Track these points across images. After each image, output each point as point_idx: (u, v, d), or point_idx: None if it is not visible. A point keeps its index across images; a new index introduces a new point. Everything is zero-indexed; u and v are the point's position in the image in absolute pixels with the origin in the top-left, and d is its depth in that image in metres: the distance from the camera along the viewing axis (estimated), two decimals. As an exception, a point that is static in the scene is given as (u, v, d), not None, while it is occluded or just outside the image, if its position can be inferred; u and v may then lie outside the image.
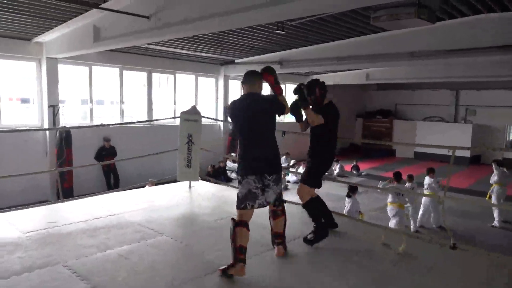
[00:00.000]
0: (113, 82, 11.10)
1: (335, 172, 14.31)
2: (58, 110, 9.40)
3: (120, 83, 11.04)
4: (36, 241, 3.77)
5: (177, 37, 8.33)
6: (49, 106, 9.34)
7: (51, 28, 8.11)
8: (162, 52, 11.05)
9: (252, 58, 12.19)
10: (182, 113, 5.77)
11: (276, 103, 3.39)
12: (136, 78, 11.86)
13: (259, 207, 3.28)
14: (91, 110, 10.52)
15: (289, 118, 4.77)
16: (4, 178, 7.10)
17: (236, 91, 14.67)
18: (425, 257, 3.67)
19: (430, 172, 8.64)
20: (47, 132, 9.51)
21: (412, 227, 8.50)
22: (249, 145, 3.30)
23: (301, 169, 12.02)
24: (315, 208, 3.98)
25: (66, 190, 9.41)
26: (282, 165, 3.94)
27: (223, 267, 3.16)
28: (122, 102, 11.18)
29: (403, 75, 14.12)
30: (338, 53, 9.73)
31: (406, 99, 19.81)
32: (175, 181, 6.61)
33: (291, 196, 10.59)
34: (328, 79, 14.02)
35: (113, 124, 10.35)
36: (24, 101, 10.26)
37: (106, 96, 11.53)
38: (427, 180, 8.64)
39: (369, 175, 14.92)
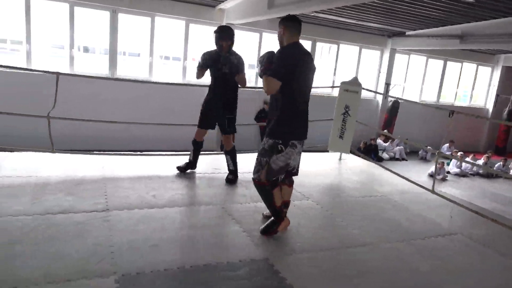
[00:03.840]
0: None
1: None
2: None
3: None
4: (205, 182, 4.37)
5: (345, 4, 8.08)
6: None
7: (235, -5, 8.87)
8: (327, 21, 10.94)
9: (426, 30, 11.00)
10: (343, 83, 5.67)
11: None
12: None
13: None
14: (257, 74, 11.31)
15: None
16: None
17: (402, 65, 13.62)
18: None
19: None
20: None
21: None
22: (301, 107, 3.04)
23: (468, 160, 10.60)
24: None
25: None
26: (445, 153, 3.52)
27: (265, 228, 3.16)
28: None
29: None
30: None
31: None
32: (323, 151, 6.67)
33: (449, 188, 9.60)
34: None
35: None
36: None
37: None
38: None
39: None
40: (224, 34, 4.04)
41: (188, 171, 4.55)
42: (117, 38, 9.57)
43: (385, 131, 12.25)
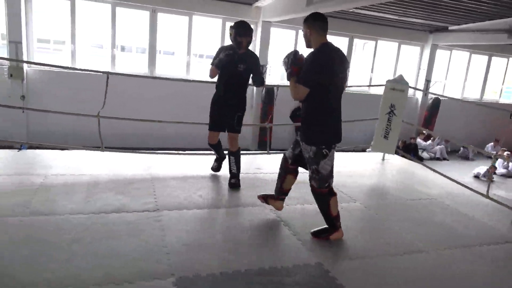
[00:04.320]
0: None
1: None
2: (266, 69, 10.36)
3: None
4: (247, 182, 4.35)
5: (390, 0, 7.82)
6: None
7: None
8: (365, 17, 10.65)
9: (471, 24, 10.50)
10: (389, 81, 5.49)
11: None
12: (336, 43, 11.86)
13: None
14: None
15: None
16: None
17: (443, 61, 13.10)
18: None
19: None
20: (254, 88, 10.64)
21: None
22: (336, 109, 2.98)
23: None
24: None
25: (264, 143, 10.53)
26: (490, 153, 3.33)
27: (318, 231, 3.16)
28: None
29: None
30: None
31: None
32: (362, 151, 6.51)
33: (497, 189, 9.13)
34: None
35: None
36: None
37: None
38: None
39: None
40: (244, 30, 3.78)
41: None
42: (156, 37, 9.72)
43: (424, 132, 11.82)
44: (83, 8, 9.07)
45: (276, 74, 11.40)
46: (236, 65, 3.84)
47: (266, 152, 5.15)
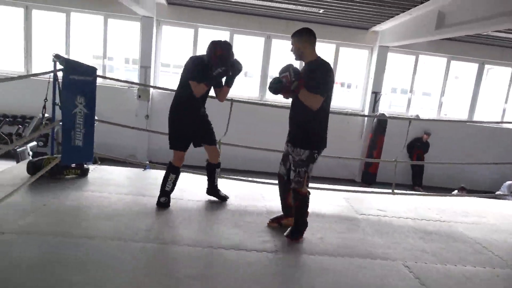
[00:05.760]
0: (437, 72, 10.42)
1: None
2: (380, 97, 9.72)
3: (445, 73, 10.25)
4: (372, 226, 3.85)
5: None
6: (372, 93, 9.78)
7: (391, 17, 8.25)
8: (501, 40, 9.34)
9: None
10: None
11: None
12: (465, 70, 10.68)
13: None
14: (409, 100, 10.33)
15: None
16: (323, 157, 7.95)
17: None
18: None
19: None
20: (365, 118, 10.04)
21: None
22: (326, 118, 3.21)
23: None
24: None
25: (369, 175, 9.80)
26: None
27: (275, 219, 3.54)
28: (442, 94, 10.38)
29: None
30: None
31: None
32: (484, 192, 5.45)
33: None
34: None
35: (425, 120, 9.92)
36: (342, 85, 11.36)
37: (428, 87, 11.02)
38: None
39: None
40: (226, 44, 3.56)
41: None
42: (269, 62, 9.83)
43: None
44: (204, 37, 9.63)
45: (389, 102, 10.64)
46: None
47: (390, 191, 4.59)
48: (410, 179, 10.03)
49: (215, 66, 3.48)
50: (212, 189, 4.04)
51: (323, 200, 4.43)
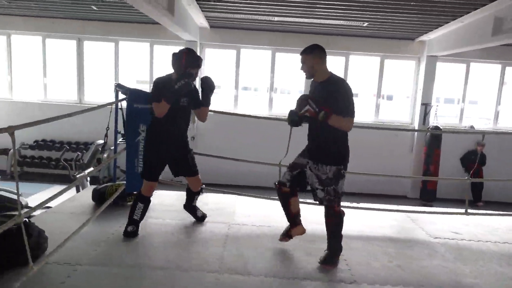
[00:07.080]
0: (489, 80, 9.91)
1: None
2: (430, 108, 9.31)
3: (500, 81, 9.72)
4: (451, 252, 3.58)
5: None
6: (422, 104, 9.39)
7: (440, 26, 7.95)
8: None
9: None
10: None
11: None
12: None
13: None
14: (462, 110, 9.83)
15: None
16: (368, 175, 7.59)
17: None
18: None
19: None
20: (416, 133, 9.63)
21: None
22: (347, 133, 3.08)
23: None
24: None
25: (428, 192, 9.31)
26: None
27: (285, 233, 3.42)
28: (498, 103, 9.82)
29: None
30: None
31: None
32: None
33: None
34: None
35: (479, 132, 9.37)
36: (388, 97, 10.95)
37: (479, 95, 10.49)
38: None
39: None
40: (197, 61, 3.32)
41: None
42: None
43: None
44: (247, 57, 9.69)
45: (444, 113, 10.16)
46: (179, 99, 3.34)
47: (463, 212, 4.27)
48: (462, 194, 9.38)
49: (178, 79, 3.20)
50: (190, 207, 3.93)
51: (385, 221, 4.21)
